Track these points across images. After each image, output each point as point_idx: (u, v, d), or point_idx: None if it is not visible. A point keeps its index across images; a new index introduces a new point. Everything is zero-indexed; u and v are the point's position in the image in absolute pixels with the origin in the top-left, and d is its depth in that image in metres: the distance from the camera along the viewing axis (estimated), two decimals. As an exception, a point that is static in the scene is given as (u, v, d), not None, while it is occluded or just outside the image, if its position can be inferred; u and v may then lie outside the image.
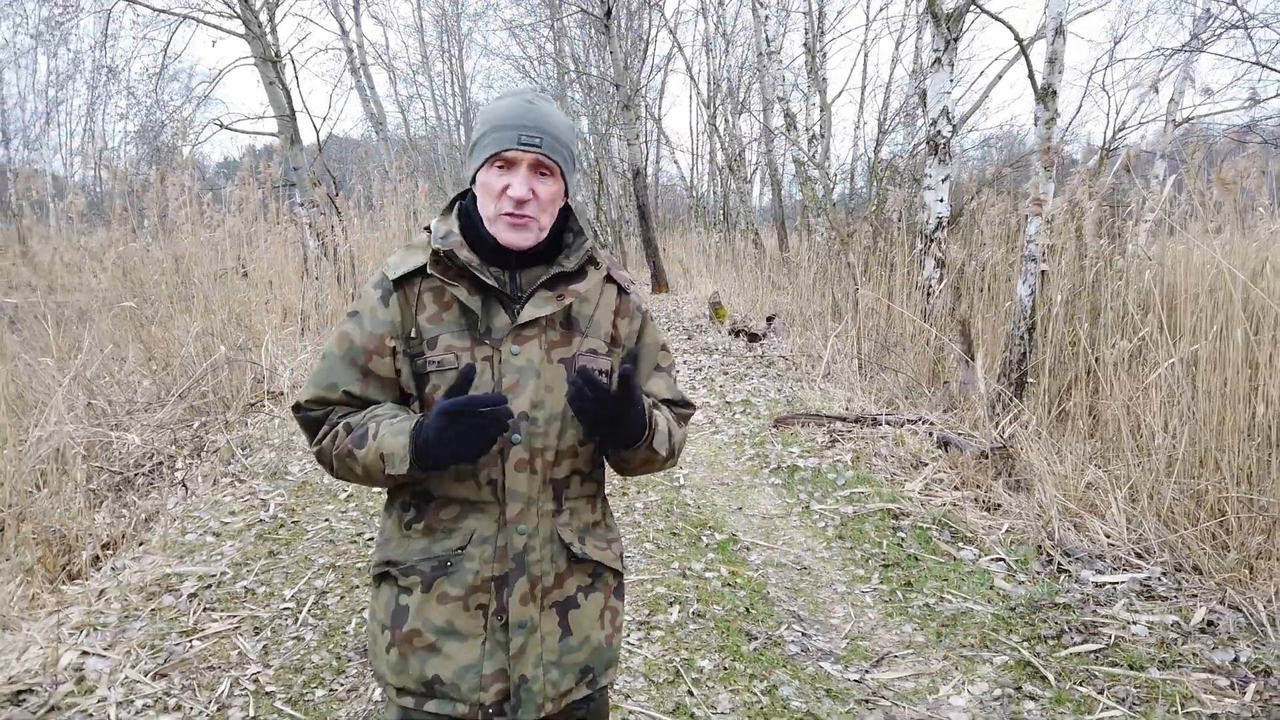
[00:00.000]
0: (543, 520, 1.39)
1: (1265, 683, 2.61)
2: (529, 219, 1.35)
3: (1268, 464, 3.57)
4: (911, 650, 2.89)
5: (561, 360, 1.39)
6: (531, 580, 1.36)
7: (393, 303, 1.39)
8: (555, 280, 1.39)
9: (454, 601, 1.35)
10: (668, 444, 1.44)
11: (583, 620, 1.42)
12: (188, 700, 2.62)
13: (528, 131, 1.33)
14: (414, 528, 1.39)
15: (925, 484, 4.70)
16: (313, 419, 1.42)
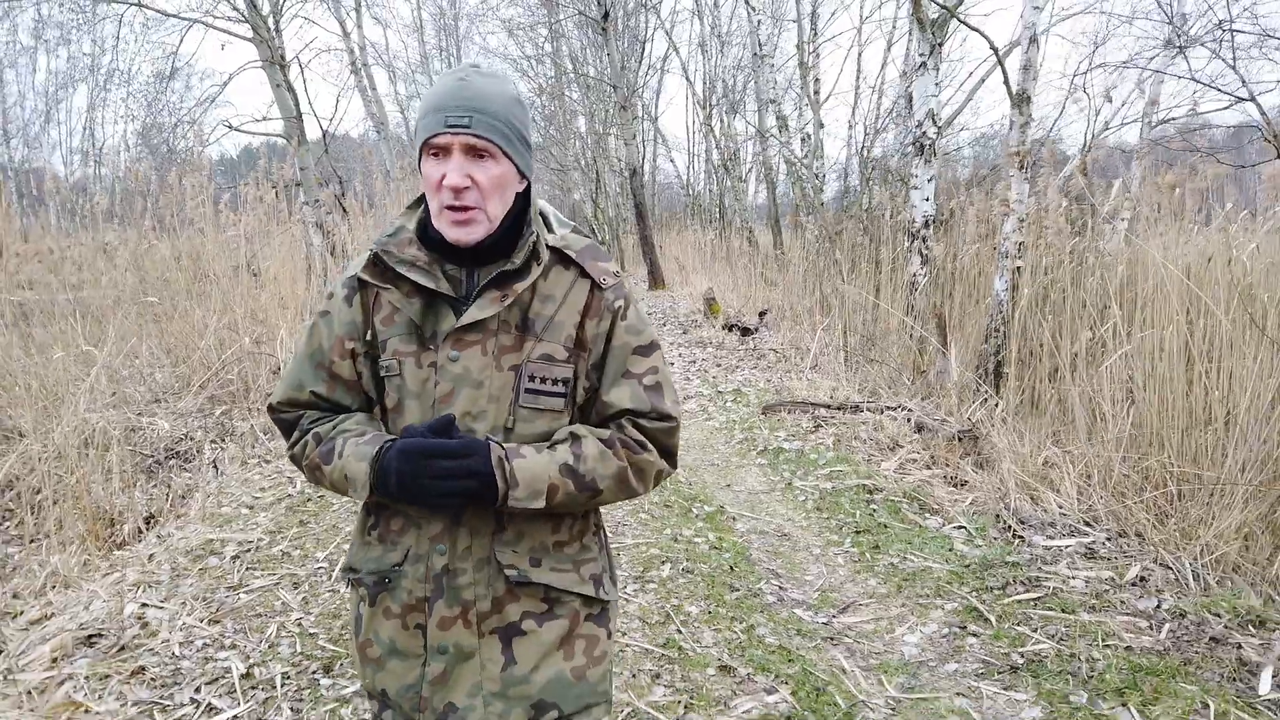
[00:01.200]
0: (477, 540, 1.29)
1: (1179, 623, 3.00)
2: (471, 210, 1.24)
3: (1205, 443, 3.96)
4: (874, 600, 3.29)
5: (511, 368, 1.28)
6: (461, 605, 1.29)
7: (355, 302, 1.34)
8: (501, 279, 1.28)
9: (395, 618, 1.32)
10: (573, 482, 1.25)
11: (531, 649, 1.30)
12: (241, 640, 3.00)
13: (454, 112, 1.22)
14: (371, 535, 1.35)
15: (900, 464, 5.09)
16: (285, 421, 1.39)
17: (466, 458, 1.19)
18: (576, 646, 1.34)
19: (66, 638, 3.07)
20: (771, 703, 2.50)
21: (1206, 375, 4.04)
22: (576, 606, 1.34)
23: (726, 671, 2.69)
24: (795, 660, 2.75)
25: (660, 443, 1.33)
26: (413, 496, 1.22)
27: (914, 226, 8.63)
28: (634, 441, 1.30)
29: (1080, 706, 2.49)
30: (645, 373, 1.33)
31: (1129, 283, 5.29)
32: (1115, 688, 2.55)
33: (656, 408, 1.31)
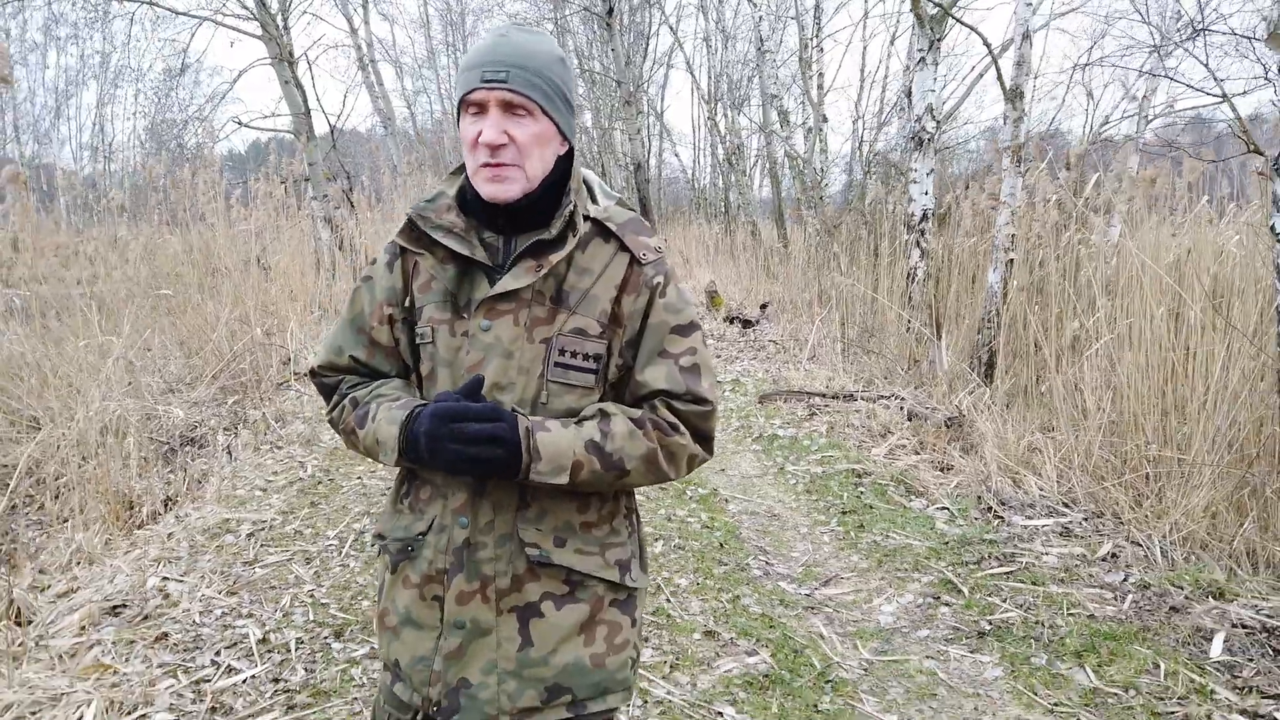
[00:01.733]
0: (500, 515, 1.26)
1: (1143, 595, 3.16)
2: (506, 167, 1.21)
3: (1176, 427, 4.11)
4: (855, 574, 3.46)
5: (544, 340, 1.26)
6: (480, 579, 1.26)
7: (396, 268, 1.34)
8: (537, 248, 1.26)
9: (414, 588, 1.30)
10: (599, 460, 1.22)
11: (548, 632, 1.27)
12: (257, 610, 3.19)
13: (491, 67, 1.20)
14: (404, 502, 1.35)
15: (889, 449, 5.26)
16: (326, 385, 1.40)
17: (493, 422, 1.16)
18: (598, 633, 1.29)
19: (93, 608, 3.26)
20: (752, 663, 2.68)
21: (1179, 364, 4.19)
22: (600, 591, 1.30)
23: (711, 636, 2.87)
24: (776, 627, 2.93)
25: (695, 426, 1.27)
26: (437, 459, 1.19)
27: (913, 220, 8.77)
28: (666, 423, 1.25)
29: (1040, 667, 2.66)
30: (683, 353, 1.27)
31: (1114, 275, 5.44)
32: (1074, 650, 2.73)
33: (692, 390, 1.26)
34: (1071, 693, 2.51)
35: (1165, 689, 2.49)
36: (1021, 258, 6.28)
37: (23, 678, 2.74)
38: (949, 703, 2.50)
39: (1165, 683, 2.52)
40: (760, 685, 2.55)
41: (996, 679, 2.62)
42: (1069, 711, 2.41)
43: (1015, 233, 6.37)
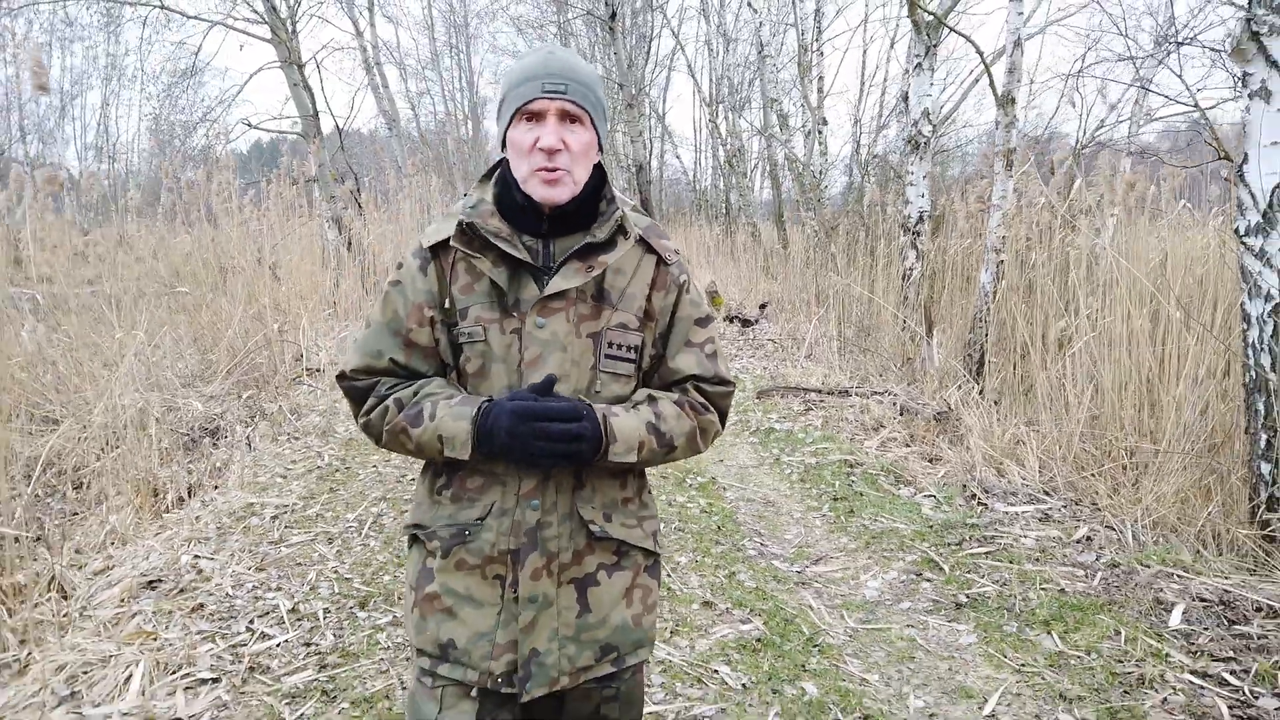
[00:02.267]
0: (561, 496, 1.37)
1: (1112, 572, 3.39)
2: (562, 172, 1.32)
3: (1157, 420, 4.33)
4: (844, 554, 3.69)
5: (590, 335, 1.37)
6: (547, 556, 1.36)
7: (430, 271, 1.40)
8: (586, 250, 1.37)
9: (472, 570, 1.38)
10: (656, 440, 1.38)
11: (603, 598, 1.41)
12: (285, 584, 3.42)
13: (552, 79, 1.31)
14: (443, 494, 1.41)
15: (881, 442, 5.48)
16: (359, 389, 1.44)
17: (577, 421, 1.29)
18: (635, 596, 1.44)
19: (131, 582, 3.50)
20: (745, 630, 2.91)
21: (1154, 361, 4.42)
22: (639, 559, 1.45)
23: (708, 606, 3.10)
24: (769, 599, 3.16)
25: (719, 405, 1.46)
26: (518, 454, 1.29)
27: (909, 221, 8.99)
28: (699, 404, 1.43)
29: (1010, 634, 2.88)
30: (705, 342, 1.45)
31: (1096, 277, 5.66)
32: (1043, 620, 2.95)
33: (718, 373, 1.45)
34: (1038, 655, 2.74)
35: (1124, 653, 2.72)
36: (1012, 259, 6.50)
37: (72, 642, 2.97)
38: (925, 664, 2.73)
39: (1125, 648, 2.75)
40: (753, 648, 2.78)
41: (970, 644, 2.84)
42: (1034, 671, 2.64)
43: (1006, 235, 6.59)
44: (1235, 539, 3.60)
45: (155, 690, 2.66)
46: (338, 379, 1.44)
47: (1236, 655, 2.70)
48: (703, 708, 2.43)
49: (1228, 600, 3.08)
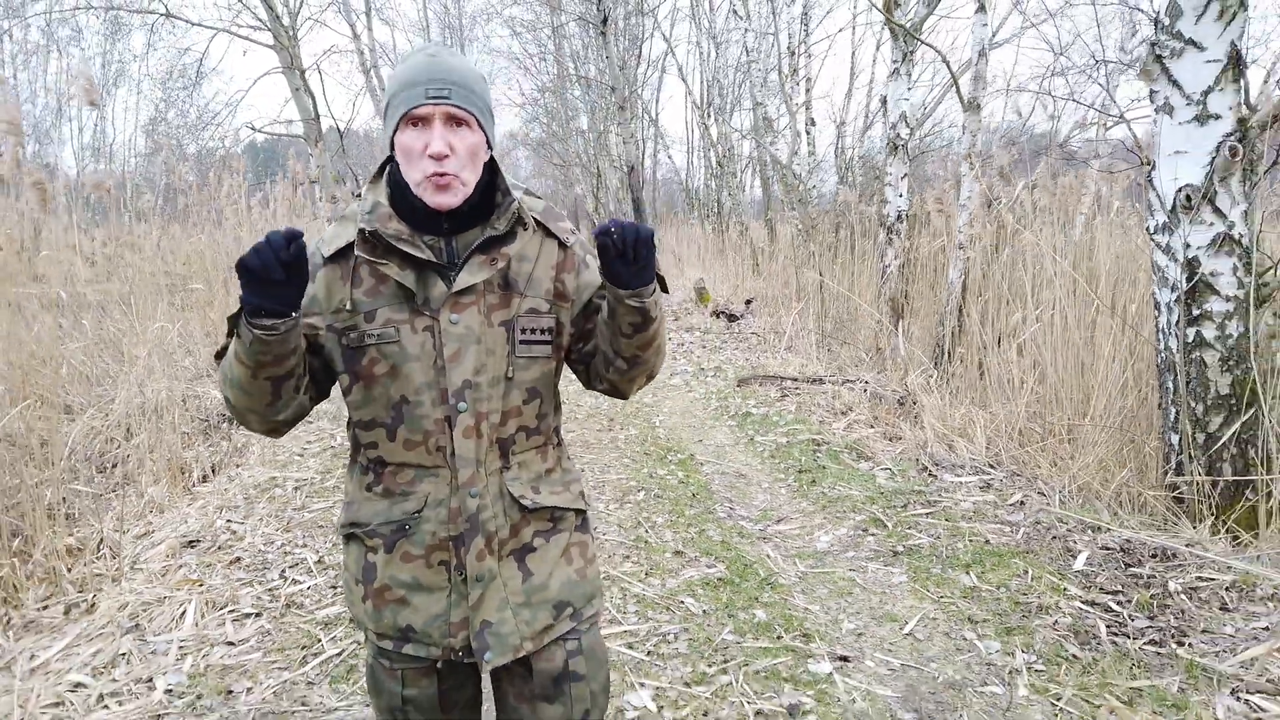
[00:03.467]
0: (491, 479, 1.43)
1: (1034, 528, 3.88)
2: (451, 177, 1.34)
3: (1089, 400, 4.82)
4: (802, 515, 4.17)
5: (502, 323, 1.42)
6: (486, 536, 1.42)
7: (319, 277, 1.40)
8: (488, 244, 1.40)
9: (417, 560, 1.43)
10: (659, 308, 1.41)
11: (542, 562, 1.49)
12: (310, 541, 3.89)
13: (435, 84, 1.32)
14: (374, 490, 1.46)
15: (848, 424, 5.97)
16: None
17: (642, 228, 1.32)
18: (574, 553, 1.53)
19: (173, 542, 3.97)
20: (710, 573, 3.39)
21: (1085, 347, 4.91)
22: (571, 519, 1.54)
23: (679, 555, 3.59)
24: (732, 549, 3.65)
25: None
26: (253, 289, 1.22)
27: (887, 220, 9.49)
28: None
29: (935, 574, 3.37)
30: None
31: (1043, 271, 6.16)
32: (965, 564, 3.44)
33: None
34: (955, 590, 3.22)
35: (1030, 588, 3.21)
36: (980, 256, 6.99)
37: (129, 589, 3.45)
38: (860, 598, 3.22)
39: (1030, 584, 3.24)
40: (715, 586, 3.27)
41: (900, 583, 3.33)
42: (950, 601, 3.13)
43: (973, 233, 7.07)
44: (1146, 500, 4.09)
45: (207, 623, 3.13)
46: (215, 357, 1.45)
47: (1124, 590, 3.19)
48: (670, 627, 2.92)
49: (1128, 548, 3.57)
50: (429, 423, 1.39)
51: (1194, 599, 3.08)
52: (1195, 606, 3.03)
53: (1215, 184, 3.81)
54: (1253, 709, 2.40)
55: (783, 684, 2.55)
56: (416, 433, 1.40)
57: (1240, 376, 3.81)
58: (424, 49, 1.38)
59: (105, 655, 2.89)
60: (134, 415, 5.54)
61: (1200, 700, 2.44)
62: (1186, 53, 3.80)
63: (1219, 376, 3.87)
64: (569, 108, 25.13)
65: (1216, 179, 3.81)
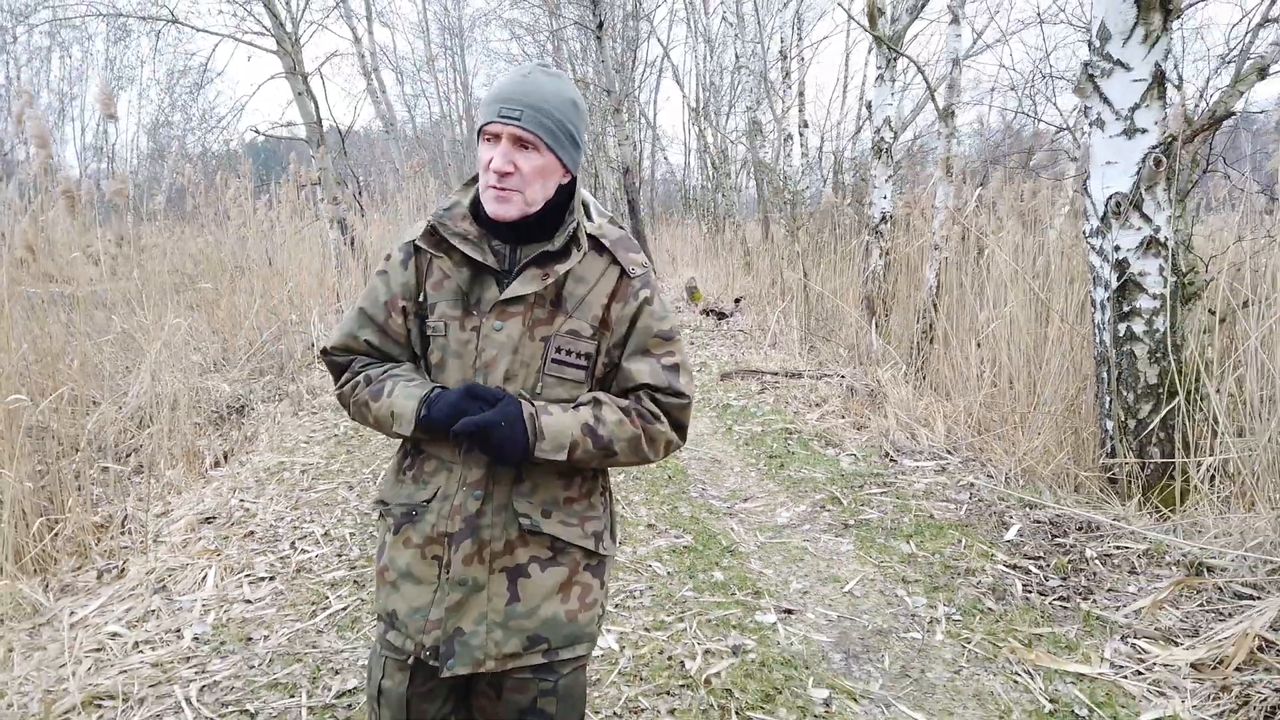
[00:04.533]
0: (498, 487, 1.46)
1: (977, 505, 4.25)
2: (509, 192, 1.39)
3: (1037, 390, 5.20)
4: (767, 494, 4.55)
5: (543, 338, 1.44)
6: (479, 543, 1.45)
7: (410, 266, 1.50)
8: (543, 258, 1.43)
9: (415, 548, 1.48)
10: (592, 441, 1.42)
11: (533, 591, 1.47)
12: (317, 518, 4.27)
13: (509, 104, 1.37)
14: (406, 474, 1.52)
15: (821, 415, 6.34)
16: (338, 364, 1.56)
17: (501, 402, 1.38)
18: (573, 592, 1.50)
19: (191, 519, 4.35)
20: (678, 542, 3.77)
21: (1037, 342, 5.29)
22: (578, 557, 1.51)
23: (651, 528, 3.97)
24: (700, 523, 4.03)
25: (673, 417, 1.49)
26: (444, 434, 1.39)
27: (872, 221, 9.86)
28: (649, 413, 1.46)
29: (879, 543, 3.75)
30: (665, 354, 1.49)
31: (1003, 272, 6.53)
32: (907, 534, 3.82)
33: (672, 385, 1.47)
34: (894, 555, 3.60)
35: (962, 555, 3.58)
36: (954, 256, 7.37)
37: (154, 558, 3.82)
38: (810, 563, 3.59)
39: (963, 551, 3.61)
40: (681, 553, 3.65)
41: (847, 551, 3.71)
42: (889, 566, 3.51)
43: (948, 234, 7.45)
44: (1083, 481, 4.46)
45: (226, 585, 3.51)
46: (320, 353, 1.57)
47: (1046, 556, 3.57)
48: (637, 585, 3.30)
49: (1057, 522, 3.95)
50: None
51: (1107, 564, 3.46)
52: (1107, 570, 3.41)
53: (1142, 192, 4.17)
54: (1137, 650, 2.77)
55: (731, 630, 2.93)
56: None
57: (1167, 368, 4.18)
58: (522, 67, 1.44)
59: (137, 612, 3.27)
60: (147, 407, 5.89)
61: (1092, 644, 2.82)
62: (1115, 72, 4.17)
63: (1148, 368, 4.24)
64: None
65: (1143, 187, 4.17)
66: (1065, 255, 5.50)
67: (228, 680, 2.71)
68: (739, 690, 2.52)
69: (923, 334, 7.10)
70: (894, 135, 10.52)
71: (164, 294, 9.25)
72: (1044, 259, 5.63)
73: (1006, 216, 7.52)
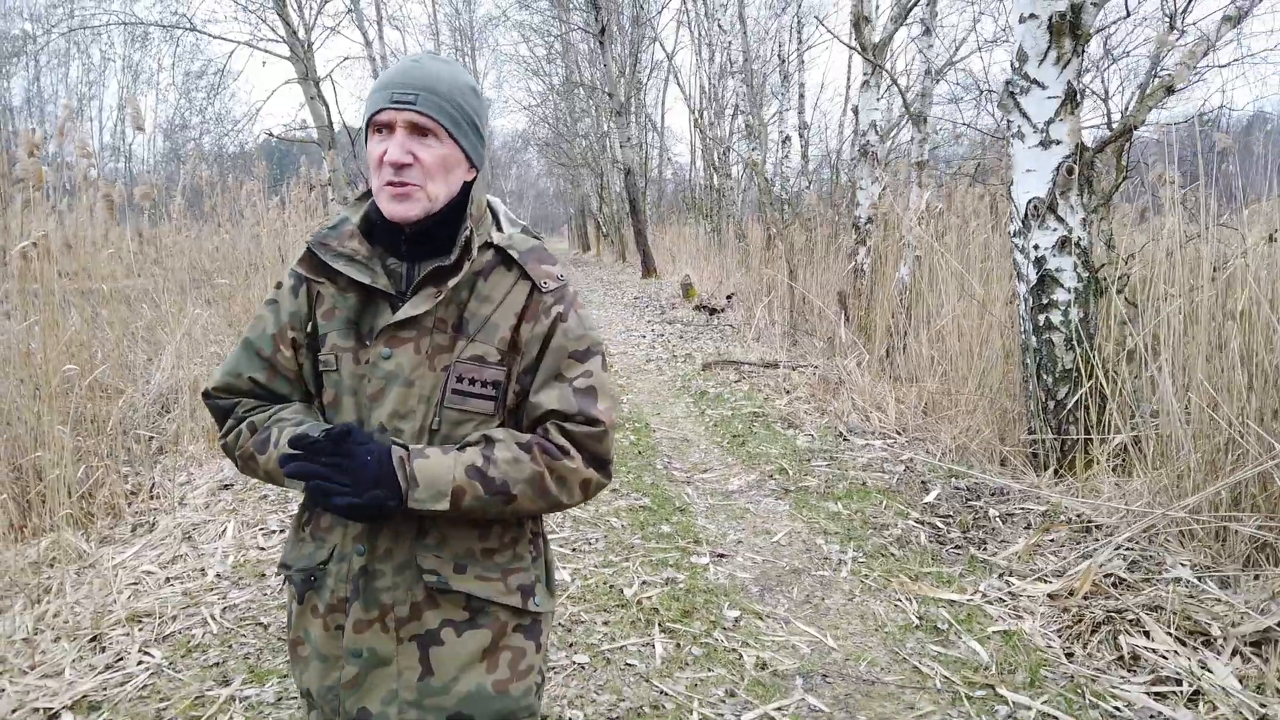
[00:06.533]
0: (398, 544, 1.28)
1: (907, 475, 4.76)
2: (409, 186, 1.23)
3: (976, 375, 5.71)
4: (724, 466, 5.09)
5: (444, 367, 1.27)
6: (380, 608, 1.28)
7: (301, 293, 1.34)
8: (436, 274, 1.27)
9: (320, 617, 1.32)
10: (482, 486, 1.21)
11: (449, 660, 1.29)
12: (322, 484, 4.82)
13: (402, 89, 1.23)
14: (305, 531, 1.36)
15: (789, 401, 6.87)
16: (221, 408, 1.37)
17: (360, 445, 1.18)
18: (501, 659, 1.32)
19: (212, 485, 4.92)
20: (637, 503, 4.31)
21: (980, 334, 5.80)
22: (503, 617, 1.32)
23: (615, 492, 4.50)
24: (659, 489, 4.56)
25: (587, 449, 1.27)
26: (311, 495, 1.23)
27: (859, 221, 10.38)
28: (555, 447, 1.25)
29: (811, 505, 4.28)
30: (578, 376, 1.29)
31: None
32: (837, 497, 4.35)
33: (584, 411, 1.26)
34: (822, 514, 4.13)
35: (881, 513, 4.11)
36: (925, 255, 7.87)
37: (181, 515, 4.39)
38: (748, 520, 4.13)
39: (883, 510, 4.14)
40: (637, 511, 4.19)
41: (783, 511, 4.24)
42: (815, 521, 4.04)
43: (922, 234, 7.95)
44: (1007, 456, 4.97)
45: (243, 536, 4.07)
46: (202, 397, 1.38)
47: (955, 515, 4.09)
48: (594, 535, 3.84)
49: (974, 488, 4.46)
50: None
51: (1007, 522, 3.98)
52: (1006, 527, 3.93)
53: (1057, 197, 4.68)
54: (1008, 585, 3.29)
55: (668, 568, 3.47)
56: None
57: (1081, 354, 4.68)
58: (411, 55, 1.31)
59: (167, 556, 3.83)
60: (168, 394, 6.47)
61: (971, 580, 3.34)
62: (1033, 90, 4.68)
63: (1064, 354, 4.74)
64: (575, 110, 26.10)
65: (1058, 193, 4.68)
66: (1007, 254, 6.00)
67: (245, 604, 3.27)
68: (664, 609, 3.06)
69: (893, 327, 7.62)
70: (879, 139, 11.03)
71: (183, 289, 9.88)
72: (990, 259, 6.14)
73: (970, 218, 8.02)
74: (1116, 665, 2.71)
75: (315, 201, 11.82)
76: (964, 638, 2.88)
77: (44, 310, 4.43)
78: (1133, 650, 2.75)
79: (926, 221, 7.48)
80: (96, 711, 2.52)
